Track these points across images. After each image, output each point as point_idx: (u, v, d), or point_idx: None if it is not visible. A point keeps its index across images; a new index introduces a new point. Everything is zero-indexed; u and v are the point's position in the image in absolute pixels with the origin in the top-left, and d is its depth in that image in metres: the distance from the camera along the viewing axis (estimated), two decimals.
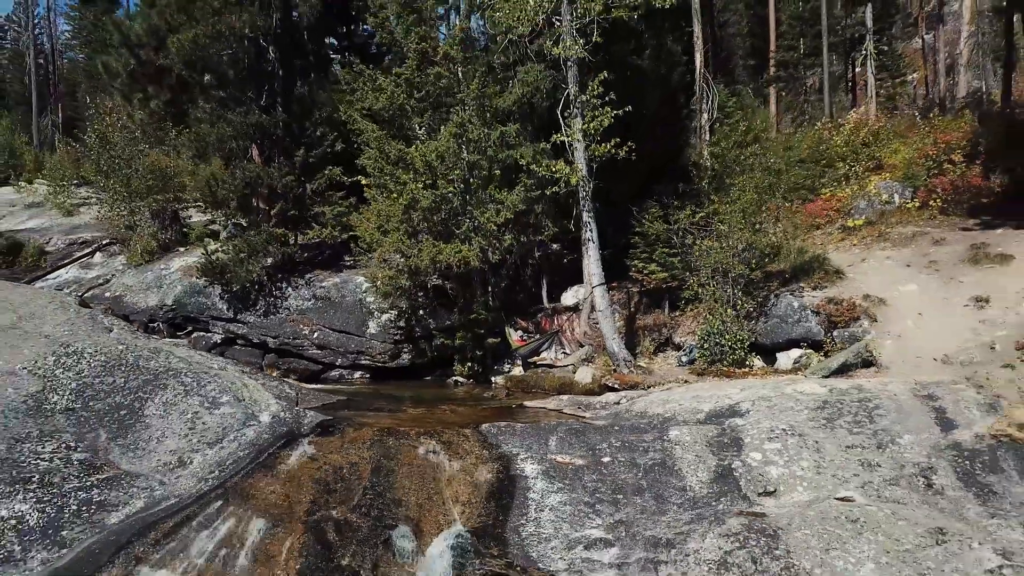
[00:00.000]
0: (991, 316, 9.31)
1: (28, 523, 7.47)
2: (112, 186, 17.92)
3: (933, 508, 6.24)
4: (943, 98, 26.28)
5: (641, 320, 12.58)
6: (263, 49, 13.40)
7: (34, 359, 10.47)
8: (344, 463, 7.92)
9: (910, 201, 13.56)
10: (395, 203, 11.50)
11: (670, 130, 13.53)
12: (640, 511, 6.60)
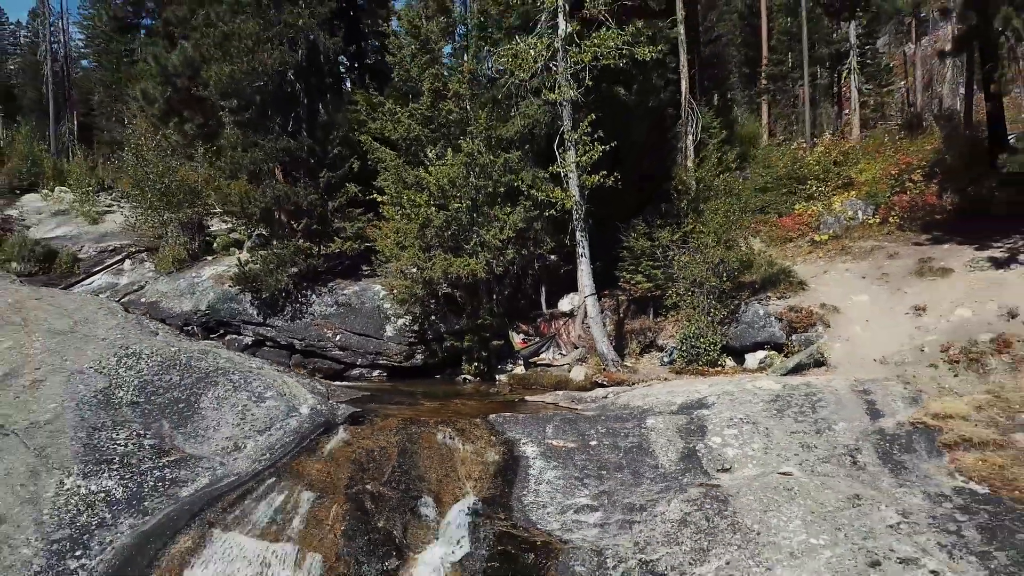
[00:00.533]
0: (925, 323, 10.75)
1: (115, 496, 8.97)
2: (148, 199, 19.32)
3: (855, 480, 7.68)
4: (920, 114, 27.67)
5: (629, 324, 14.02)
6: (290, 81, 14.84)
7: (98, 359, 11.99)
8: (375, 447, 9.39)
9: (872, 217, 14.99)
10: (411, 222, 12.96)
11: (657, 155, 14.96)
12: (620, 484, 8.05)
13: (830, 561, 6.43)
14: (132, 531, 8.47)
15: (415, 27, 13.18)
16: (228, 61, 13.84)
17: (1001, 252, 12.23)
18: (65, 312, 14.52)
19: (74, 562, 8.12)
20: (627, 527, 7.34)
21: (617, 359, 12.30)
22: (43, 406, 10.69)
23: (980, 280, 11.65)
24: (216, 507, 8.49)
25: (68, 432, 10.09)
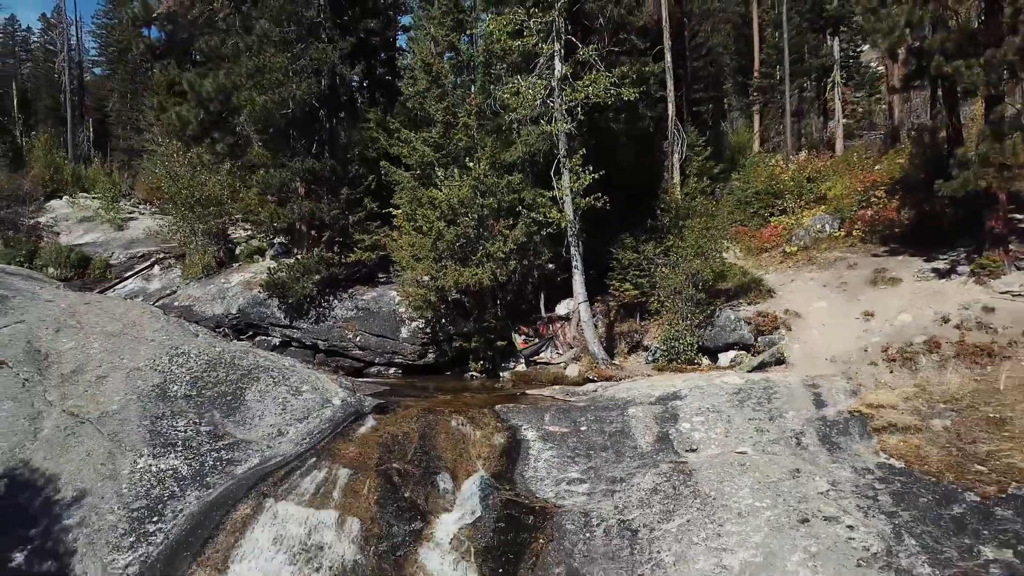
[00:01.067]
0: (872, 327, 12.30)
1: (181, 473, 10.55)
2: (180, 212, 20.87)
3: (797, 457, 9.25)
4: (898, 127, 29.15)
5: (618, 327, 15.58)
6: (314, 107, 16.39)
7: (152, 358, 13.58)
8: (399, 432, 10.96)
9: (838, 231, 16.53)
10: (425, 236, 14.53)
11: (645, 174, 16.47)
12: (604, 461, 9.62)
13: (769, 519, 8.01)
14: (198, 501, 10.05)
15: (428, 65, 14.77)
16: (260, 91, 15.40)
17: (944, 264, 13.78)
18: (114, 316, 16.09)
19: (152, 526, 9.72)
20: (609, 495, 8.92)
21: (607, 358, 13.87)
22: (110, 398, 12.27)
23: (924, 289, 13.21)
24: (268, 481, 10.09)
25: (134, 420, 11.68)
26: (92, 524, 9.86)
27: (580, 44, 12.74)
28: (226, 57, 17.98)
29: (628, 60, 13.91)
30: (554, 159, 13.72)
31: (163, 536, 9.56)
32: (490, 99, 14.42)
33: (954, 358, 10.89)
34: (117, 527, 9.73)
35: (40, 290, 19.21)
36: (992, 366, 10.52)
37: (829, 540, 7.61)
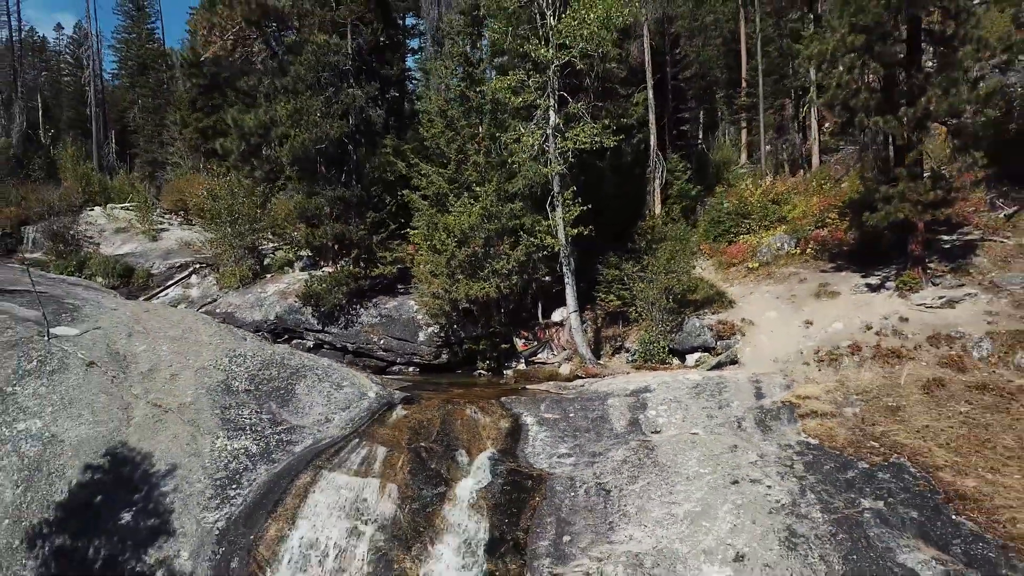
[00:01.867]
0: (810, 333, 14.75)
1: (251, 451, 13.01)
2: (222, 230, 23.29)
3: (737, 437, 11.71)
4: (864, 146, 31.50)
5: (604, 332, 18.02)
6: (343, 143, 18.81)
7: (214, 359, 16.03)
8: (424, 418, 13.43)
9: (795, 249, 18.92)
10: (440, 255, 17.00)
11: (628, 201, 18.88)
12: (587, 440, 12.09)
13: (709, 481, 10.48)
14: (267, 472, 12.55)
15: (443, 111, 17.20)
16: (300, 130, 17.82)
17: (876, 280, 16.22)
18: (172, 322, 18.56)
19: (232, 492, 12.21)
20: (590, 465, 11.39)
21: (593, 358, 16.33)
22: (184, 392, 14.77)
23: (857, 301, 15.64)
24: (322, 457, 12.57)
25: (207, 410, 14.17)
26: (184, 490, 12.37)
27: (571, 99, 15.17)
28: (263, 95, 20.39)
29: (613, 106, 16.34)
30: (550, 191, 16.18)
31: (242, 499, 12.07)
32: (496, 142, 16.79)
33: (870, 359, 13.34)
34: (205, 492, 12.25)
35: (102, 299, 21.72)
36: (899, 366, 12.97)
37: (751, 496, 10.08)
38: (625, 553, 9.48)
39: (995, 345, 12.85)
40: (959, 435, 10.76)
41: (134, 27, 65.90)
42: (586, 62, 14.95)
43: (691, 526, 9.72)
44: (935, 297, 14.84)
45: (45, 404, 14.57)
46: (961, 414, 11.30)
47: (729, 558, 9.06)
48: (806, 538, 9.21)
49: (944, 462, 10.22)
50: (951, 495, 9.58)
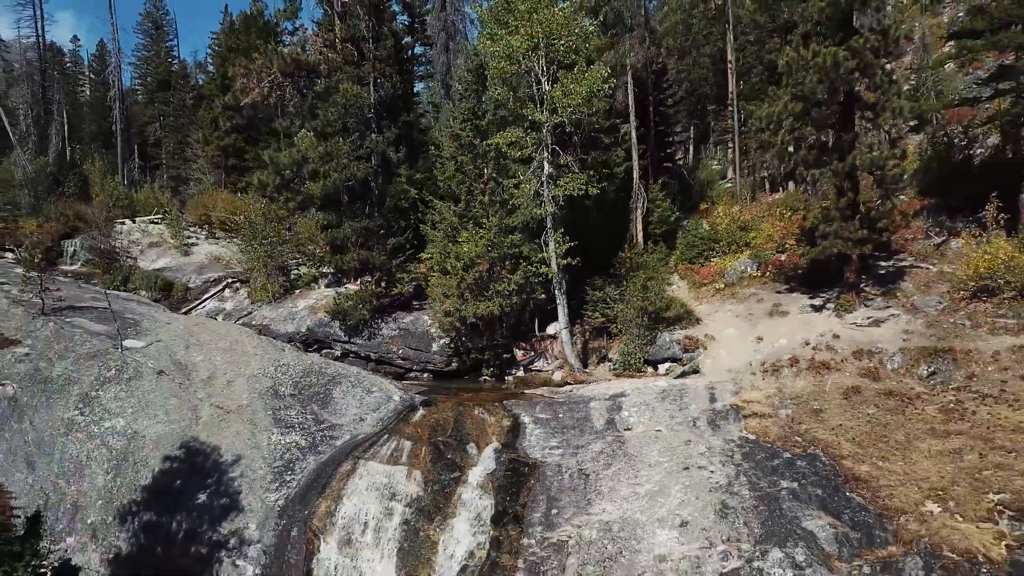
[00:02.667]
0: (760, 348, 17.51)
1: (301, 444, 15.76)
2: (259, 253, 26.02)
3: (692, 433, 14.47)
4: None
5: (591, 344, 20.78)
6: (367, 181, 21.56)
7: (262, 368, 18.76)
8: (440, 418, 16.19)
9: (756, 272, 21.66)
10: (451, 279, 19.77)
11: (613, 231, 21.61)
12: (572, 436, 14.85)
13: (666, 467, 13.24)
14: (315, 462, 15.31)
15: (455, 157, 19.96)
16: (330, 168, 20.57)
17: (820, 301, 18.97)
18: (220, 335, 21.31)
19: (288, 477, 14.97)
20: (574, 455, 14.16)
21: (581, 367, 19.08)
22: (239, 396, 17.51)
23: (802, 320, 18.40)
24: (359, 449, 15.33)
25: (261, 411, 16.93)
26: (248, 476, 15.14)
27: (562, 152, 17.94)
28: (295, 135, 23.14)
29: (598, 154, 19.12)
30: (544, 226, 18.94)
31: (296, 483, 14.85)
32: (499, 185, 19.52)
33: (805, 370, 16.10)
34: (265, 477, 15.02)
35: (155, 313, 24.48)
36: (826, 376, 15.72)
37: (697, 479, 12.85)
38: (598, 521, 12.27)
39: (905, 359, 15.62)
40: (863, 432, 13.52)
41: (153, 45, 68.68)
42: (574, 121, 17.72)
43: (650, 501, 12.50)
44: (864, 317, 17.61)
45: (125, 406, 17.39)
46: (868, 415, 14.06)
47: (676, 524, 11.84)
48: (735, 509, 11.98)
49: (848, 452, 12.98)
50: (848, 477, 12.34)
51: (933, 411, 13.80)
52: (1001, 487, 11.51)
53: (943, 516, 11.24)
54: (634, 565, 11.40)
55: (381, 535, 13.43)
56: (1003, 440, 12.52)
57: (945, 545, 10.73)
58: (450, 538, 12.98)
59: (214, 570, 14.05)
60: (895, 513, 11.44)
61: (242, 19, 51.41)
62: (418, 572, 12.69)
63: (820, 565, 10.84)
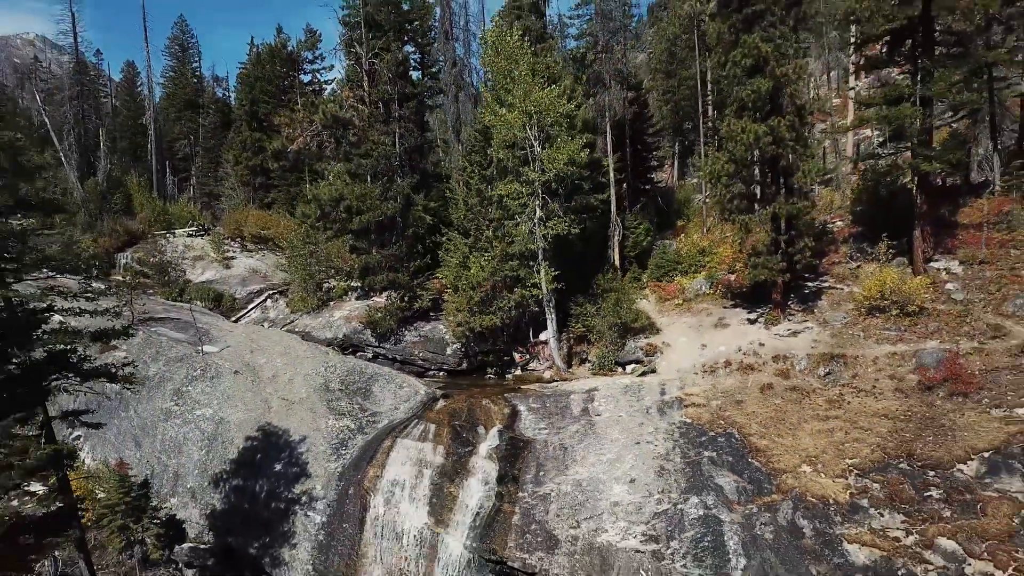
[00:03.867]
0: (704, 353, 22.02)
1: (351, 427, 20.36)
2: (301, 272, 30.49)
3: (644, 418, 19.00)
4: None
5: (575, 348, 25.28)
6: (394, 216, 26.06)
7: (315, 368, 23.26)
8: (456, 407, 20.73)
9: (709, 290, 26.12)
10: (462, 296, 24.29)
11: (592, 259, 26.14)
12: (556, 420, 19.37)
13: (623, 443, 17.78)
14: (363, 440, 19.87)
15: (467, 202, 24.41)
16: (365, 206, 25.06)
17: (754, 315, 23.46)
18: (274, 341, 25.80)
19: (343, 451, 19.51)
20: (557, 434, 18.72)
21: (565, 368, 23.61)
22: (299, 391, 22.04)
23: (738, 331, 22.90)
24: (396, 430, 19.87)
25: (318, 402, 21.47)
26: (313, 450, 19.68)
27: (550, 200, 22.43)
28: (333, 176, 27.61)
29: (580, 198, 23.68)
30: (537, 257, 23.45)
31: (349, 456, 19.39)
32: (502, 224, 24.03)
33: (735, 371, 20.62)
34: (326, 451, 19.57)
35: (218, 322, 28.95)
36: (750, 375, 20.24)
37: (645, 450, 17.40)
38: (572, 480, 16.83)
39: (809, 362, 20.14)
40: (768, 416, 18.07)
41: (180, 67, 72.86)
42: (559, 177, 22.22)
43: (609, 466, 17.07)
44: (786, 329, 22.12)
45: (211, 398, 21.93)
46: (775, 405, 18.61)
47: (627, 481, 16.40)
48: (669, 471, 16.53)
49: (755, 432, 17.52)
50: (752, 449, 16.89)
51: (821, 401, 18.36)
52: (854, 455, 16.08)
53: (812, 474, 15.81)
54: (596, 508, 15.99)
55: (415, 492, 17.99)
56: (864, 423, 17.08)
57: (809, 493, 15.30)
58: (466, 493, 17.55)
59: (290, 520, 18.63)
60: (779, 472, 16.01)
61: (267, 50, 55.88)
62: (443, 517, 17.27)
63: (724, 507, 15.42)
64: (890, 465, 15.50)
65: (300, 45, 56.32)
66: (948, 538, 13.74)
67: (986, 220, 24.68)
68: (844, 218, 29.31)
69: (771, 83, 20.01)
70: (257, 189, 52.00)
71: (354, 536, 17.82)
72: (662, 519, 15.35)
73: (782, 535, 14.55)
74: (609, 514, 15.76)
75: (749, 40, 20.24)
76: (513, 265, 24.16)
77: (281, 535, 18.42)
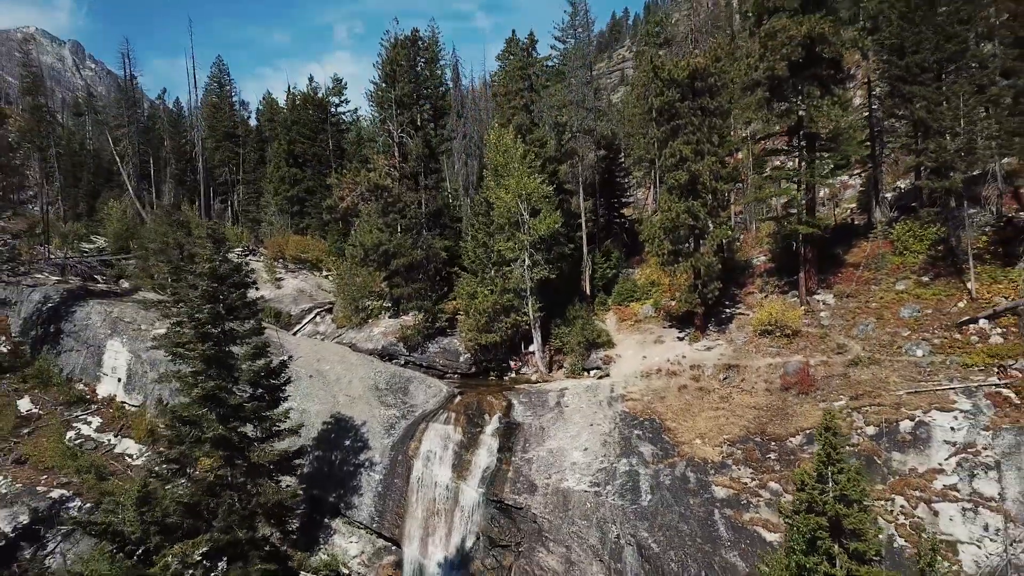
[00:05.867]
0: (644, 362, 29.84)
1: (396, 415, 28.35)
2: (347, 298, 38.31)
3: (598, 408, 26.93)
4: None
5: (555, 358, 33.02)
6: (422, 260, 33.84)
7: (365, 373, 31.31)
8: (469, 401, 28.50)
9: (654, 314, 33.91)
10: (471, 320, 32.15)
11: (567, 291, 33.92)
12: (538, 409, 27.12)
13: (582, 425, 25.58)
14: (405, 423, 27.82)
15: (475, 251, 32.13)
16: (399, 252, 32.86)
17: (683, 335, 31.26)
18: (332, 351, 33.74)
19: (392, 431, 27.48)
20: (538, 419, 26.56)
21: (547, 372, 31.45)
22: (357, 389, 30.00)
23: (670, 346, 30.76)
24: (428, 418, 27.72)
25: (372, 398, 29.44)
26: (371, 431, 27.64)
27: (535, 253, 30.21)
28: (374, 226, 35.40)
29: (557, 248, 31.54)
30: (526, 292, 31.27)
31: (397, 434, 27.33)
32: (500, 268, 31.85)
33: (664, 375, 28.45)
34: (380, 431, 27.53)
35: (287, 337, 36.73)
36: (673, 379, 28.09)
37: (596, 430, 25.28)
38: (547, 449, 24.75)
39: (714, 370, 28.00)
40: (680, 408, 25.95)
41: (220, 102, 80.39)
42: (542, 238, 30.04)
43: (571, 440, 24.99)
44: (703, 346, 30.00)
45: (296, 395, 29.64)
46: (686, 400, 26.51)
47: (582, 449, 24.31)
48: (610, 443, 24.45)
49: (669, 418, 25.42)
50: (665, 428, 24.79)
51: (716, 397, 26.26)
52: (728, 432, 23.96)
53: (700, 445, 23.73)
54: (561, 467, 23.91)
55: (443, 458, 25.87)
56: (739, 412, 24.96)
57: (696, 456, 23.21)
58: (477, 458, 25.42)
59: (357, 478, 26.53)
60: (680, 444, 23.93)
61: (301, 97, 63.61)
62: (462, 474, 25.17)
63: (642, 465, 23.33)
64: (749, 439, 23.41)
65: (328, 92, 64.10)
66: (775, 482, 21.64)
67: (863, 260, 32.59)
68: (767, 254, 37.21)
69: (688, 176, 27.82)
70: (293, 216, 59.84)
71: (402, 488, 25.72)
72: (602, 472, 23.30)
73: (676, 482, 22.47)
74: (569, 470, 23.71)
75: (674, 144, 28.05)
76: (509, 297, 31.98)
77: (351, 488, 26.29)
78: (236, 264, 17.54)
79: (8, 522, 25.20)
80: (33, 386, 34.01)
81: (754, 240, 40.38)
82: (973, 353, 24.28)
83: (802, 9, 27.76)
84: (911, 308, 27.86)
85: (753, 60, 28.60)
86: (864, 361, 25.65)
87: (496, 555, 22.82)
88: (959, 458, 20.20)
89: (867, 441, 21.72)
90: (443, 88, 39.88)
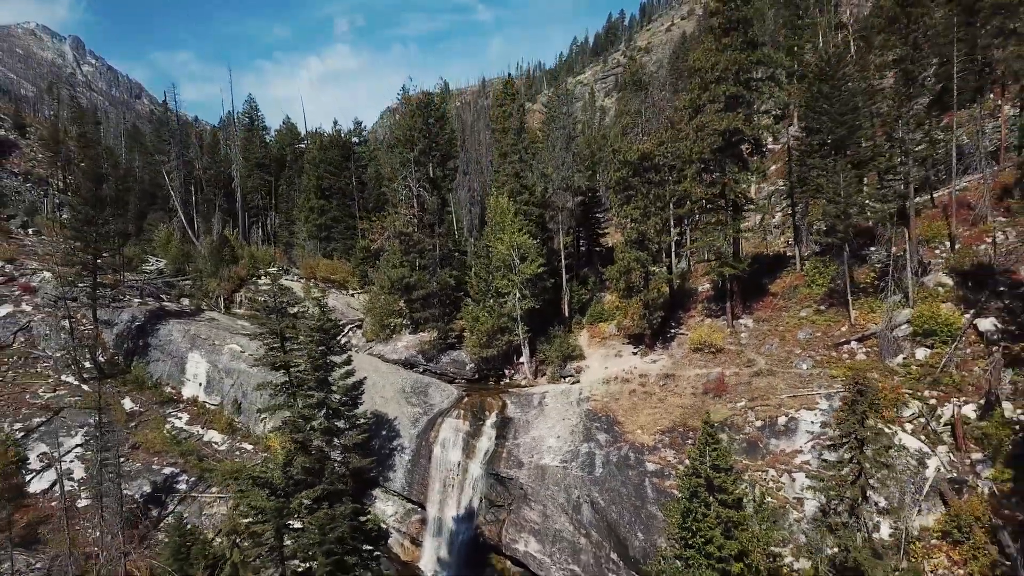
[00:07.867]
0: (605, 372, 37.83)
1: (419, 412, 36.52)
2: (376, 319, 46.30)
3: (568, 407, 34.79)
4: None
5: (540, 367, 40.92)
6: (436, 291, 41.83)
7: (394, 379, 39.59)
8: (474, 401, 36.38)
9: (616, 332, 41.93)
10: (474, 337, 40.20)
11: (550, 314, 41.84)
12: (525, 407, 35.11)
13: (556, 419, 33.68)
14: (426, 418, 35.95)
15: (476, 284, 40.03)
16: (420, 283, 40.86)
17: (636, 350, 39.24)
18: (366, 362, 41.93)
19: (418, 424, 35.62)
20: (525, 415, 34.57)
21: (533, 379, 39.43)
22: (388, 392, 38.17)
23: (627, 359, 38.77)
24: (443, 414, 35.84)
25: (401, 399, 37.62)
26: (401, 423, 35.79)
27: (524, 287, 38.19)
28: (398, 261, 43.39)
29: (541, 282, 39.60)
30: (516, 318, 39.32)
31: (421, 426, 35.41)
32: (499, 298, 39.87)
33: (620, 382, 36.44)
34: (408, 424, 35.69)
35: None
36: (626, 385, 36.10)
37: (568, 423, 33.44)
38: (531, 437, 32.84)
39: (657, 378, 36.11)
40: (629, 406, 34.06)
41: (251, 136, 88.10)
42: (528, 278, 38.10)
43: (550, 430, 33.12)
44: (651, 359, 38.13)
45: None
46: (634, 401, 34.63)
47: (556, 437, 32.41)
48: (576, 432, 32.47)
49: (620, 414, 33.51)
50: (616, 422, 32.84)
51: (655, 400, 34.40)
52: (662, 424, 32.08)
53: (640, 433, 31.91)
54: (540, 450, 32.06)
55: (455, 444, 33.99)
56: (671, 410, 33.09)
57: (637, 442, 31.39)
58: (480, 443, 33.53)
59: (392, 458, 34.67)
60: (626, 433, 32.11)
61: (328, 138, 71.49)
62: (470, 455, 33.29)
63: (597, 448, 31.48)
64: (675, 429, 31.57)
65: (349, 133, 72.05)
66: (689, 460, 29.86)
67: (782, 290, 40.73)
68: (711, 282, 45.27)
69: (637, 233, 35.94)
70: (320, 240, 67.79)
71: (425, 465, 33.84)
72: (570, 453, 31.48)
73: (621, 459, 30.60)
74: (546, 451, 31.91)
75: (626, 208, 36.15)
76: (504, 320, 40.04)
77: (388, 465, 34.40)
78: (335, 323, 25.54)
79: (136, 490, 33.24)
80: (131, 389, 41.72)
81: (703, 271, 48.48)
82: (841, 367, 32.39)
83: (725, 108, 35.86)
84: (806, 331, 35.89)
85: (688, 143, 36.71)
86: (764, 372, 33.69)
87: (494, 512, 30.96)
88: (813, 442, 28.34)
89: (755, 431, 29.82)
90: (448, 134, 47.87)
